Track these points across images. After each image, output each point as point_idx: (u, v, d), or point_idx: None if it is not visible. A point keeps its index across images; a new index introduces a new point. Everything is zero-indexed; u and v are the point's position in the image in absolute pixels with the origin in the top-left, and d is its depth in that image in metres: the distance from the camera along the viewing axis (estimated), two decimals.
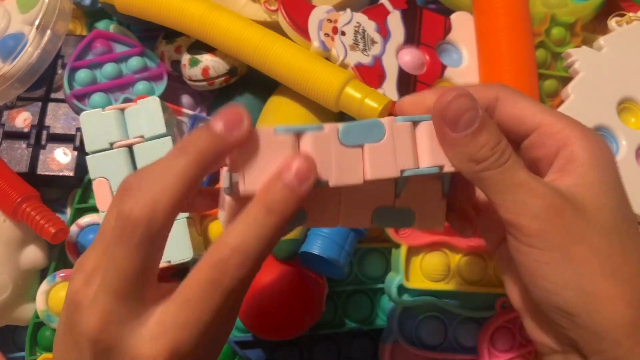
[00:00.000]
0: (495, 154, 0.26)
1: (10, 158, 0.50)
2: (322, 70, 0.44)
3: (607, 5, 0.57)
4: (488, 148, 0.26)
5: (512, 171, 0.26)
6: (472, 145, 0.26)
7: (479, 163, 0.26)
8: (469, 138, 0.26)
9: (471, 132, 0.26)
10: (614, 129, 0.49)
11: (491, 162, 0.26)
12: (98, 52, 0.53)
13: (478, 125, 0.26)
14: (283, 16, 0.46)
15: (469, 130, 0.26)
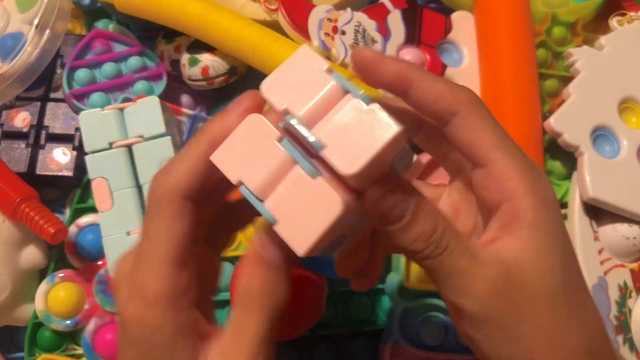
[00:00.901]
0: (430, 246, 0.25)
1: (9, 158, 0.50)
2: None
3: (608, 4, 0.57)
4: (421, 241, 0.25)
5: (450, 260, 0.25)
6: (405, 239, 0.25)
7: (418, 253, 0.25)
8: (400, 232, 0.25)
9: (401, 227, 0.25)
10: (615, 129, 0.49)
11: (427, 253, 0.25)
12: (97, 52, 0.53)
13: (408, 219, 0.25)
14: (283, 15, 0.46)
15: (398, 225, 0.25)
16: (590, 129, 0.48)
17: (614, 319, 0.47)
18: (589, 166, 0.47)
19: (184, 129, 0.52)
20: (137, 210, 0.46)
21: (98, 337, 0.47)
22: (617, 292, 0.48)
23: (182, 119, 0.52)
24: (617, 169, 0.48)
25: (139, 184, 0.46)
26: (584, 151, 0.48)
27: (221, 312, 0.49)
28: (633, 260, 0.49)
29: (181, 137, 0.51)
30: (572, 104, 0.48)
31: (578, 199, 0.48)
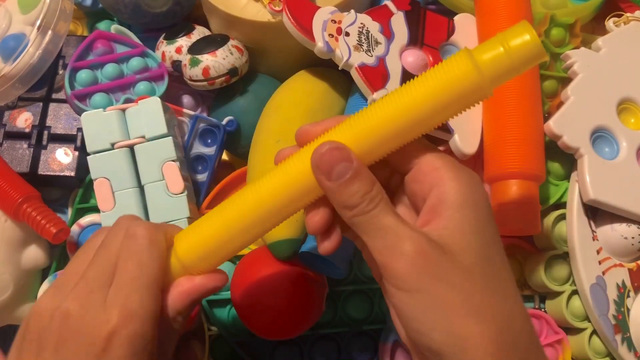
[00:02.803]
0: (365, 201, 0.28)
1: (12, 158, 0.50)
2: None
3: (607, 5, 0.57)
4: (358, 196, 0.28)
5: (380, 216, 0.28)
6: (344, 194, 0.28)
7: (351, 209, 0.28)
8: (342, 187, 0.28)
9: (343, 182, 0.28)
10: (614, 130, 0.49)
11: (360, 208, 0.28)
12: (99, 53, 0.53)
13: (350, 175, 0.28)
14: (287, 17, 0.46)
15: (341, 180, 0.28)
16: (589, 131, 0.49)
17: (612, 318, 0.47)
18: (589, 168, 0.47)
19: (185, 129, 0.52)
20: (139, 210, 0.46)
21: None
22: (615, 292, 0.48)
23: (184, 119, 0.52)
24: (617, 170, 0.48)
25: (141, 184, 0.47)
26: (584, 153, 0.48)
27: (221, 311, 0.50)
28: (631, 259, 0.49)
29: (182, 137, 0.51)
30: (571, 106, 0.49)
31: (577, 199, 0.49)
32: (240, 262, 0.47)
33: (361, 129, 0.29)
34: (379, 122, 0.28)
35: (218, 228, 0.31)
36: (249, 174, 0.49)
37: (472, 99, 0.28)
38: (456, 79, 0.27)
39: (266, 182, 0.31)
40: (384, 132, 0.28)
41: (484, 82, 0.27)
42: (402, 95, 0.28)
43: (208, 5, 0.52)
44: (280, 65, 0.55)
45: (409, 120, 0.28)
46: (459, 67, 0.27)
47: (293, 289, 0.44)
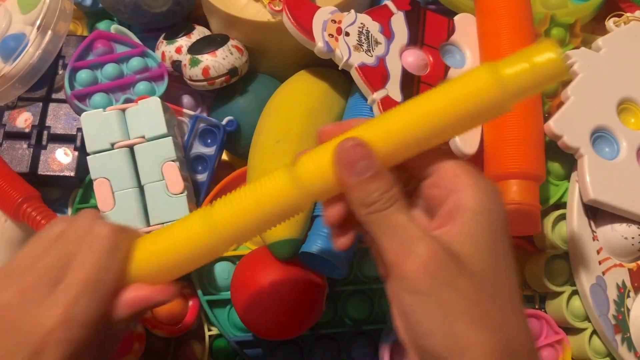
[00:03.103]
0: (382, 199, 0.28)
1: (12, 158, 0.50)
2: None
3: (607, 5, 0.57)
4: (377, 194, 0.28)
5: (395, 215, 0.28)
6: (364, 191, 0.28)
7: (367, 207, 0.28)
8: (363, 183, 0.28)
9: (364, 179, 0.28)
10: (614, 130, 0.49)
11: (377, 206, 0.28)
12: (99, 53, 0.53)
13: (371, 173, 0.28)
14: (287, 17, 0.46)
15: (362, 176, 0.28)
16: (589, 131, 0.49)
17: (612, 318, 0.47)
18: (590, 168, 0.47)
19: (185, 129, 0.52)
20: (139, 210, 0.46)
21: None
22: (615, 292, 0.48)
23: (184, 119, 0.52)
24: (617, 170, 0.48)
25: (141, 184, 0.47)
26: (584, 153, 0.48)
27: (221, 311, 0.50)
28: (631, 259, 0.49)
29: (182, 137, 0.51)
30: (571, 106, 0.49)
31: (577, 199, 0.49)
32: (240, 262, 0.47)
33: (382, 133, 0.29)
34: (400, 128, 0.29)
35: (182, 242, 0.31)
36: (249, 174, 0.49)
37: (492, 113, 0.28)
38: (478, 92, 0.28)
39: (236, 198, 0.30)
40: (403, 138, 0.29)
41: (506, 96, 0.28)
42: (424, 103, 0.29)
43: (208, 5, 0.52)
44: (280, 65, 0.55)
45: (429, 129, 0.28)
46: (482, 79, 0.28)
47: (293, 289, 0.44)
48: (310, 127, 0.49)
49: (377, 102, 0.46)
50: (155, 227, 0.46)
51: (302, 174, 0.30)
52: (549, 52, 0.27)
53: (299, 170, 0.30)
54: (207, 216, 0.30)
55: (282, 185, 0.30)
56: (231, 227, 0.30)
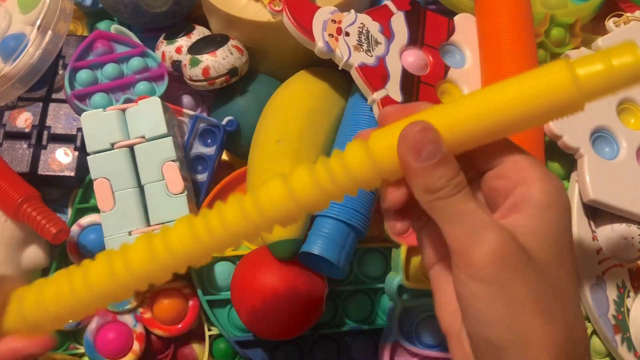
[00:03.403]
0: (450, 185, 0.27)
1: (12, 158, 0.50)
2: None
3: (607, 5, 0.57)
4: (444, 180, 0.27)
5: (463, 202, 0.27)
6: (431, 176, 0.27)
7: (433, 193, 0.27)
8: (429, 168, 0.27)
9: (431, 164, 0.27)
10: (614, 130, 0.49)
11: (444, 192, 0.27)
12: (99, 53, 0.53)
13: (439, 158, 0.27)
14: (287, 17, 0.46)
15: (429, 162, 0.27)
16: (589, 131, 0.49)
17: (612, 318, 0.47)
18: (589, 168, 0.47)
19: (185, 129, 0.52)
20: (139, 210, 0.46)
21: (99, 336, 0.47)
22: (615, 292, 0.48)
23: (184, 119, 0.52)
24: (617, 170, 0.48)
25: (141, 184, 0.47)
26: (584, 153, 0.48)
27: (221, 311, 0.50)
28: (631, 260, 0.49)
29: (182, 137, 0.51)
30: None
31: (577, 199, 0.49)
32: (240, 262, 0.47)
33: (449, 120, 0.28)
34: (468, 117, 0.28)
35: (63, 300, 0.30)
36: (249, 174, 0.49)
37: (564, 111, 0.28)
38: (553, 89, 0.27)
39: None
40: (471, 128, 0.28)
41: (581, 96, 0.27)
42: (495, 95, 0.28)
43: (208, 5, 0.52)
44: (280, 65, 0.55)
45: (498, 122, 0.28)
46: (557, 77, 0.27)
47: (293, 289, 0.44)
48: (310, 127, 0.49)
49: (377, 102, 0.46)
50: (156, 227, 0.46)
51: (376, 150, 0.29)
52: (628, 55, 0.26)
53: (373, 146, 0.29)
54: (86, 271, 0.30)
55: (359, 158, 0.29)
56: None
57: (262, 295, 0.44)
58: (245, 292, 0.45)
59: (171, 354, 0.50)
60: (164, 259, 0.29)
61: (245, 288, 0.45)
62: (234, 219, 0.29)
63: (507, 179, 0.29)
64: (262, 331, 0.45)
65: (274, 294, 0.44)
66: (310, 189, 0.29)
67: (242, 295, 0.45)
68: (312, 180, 0.29)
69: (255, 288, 0.44)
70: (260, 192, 0.29)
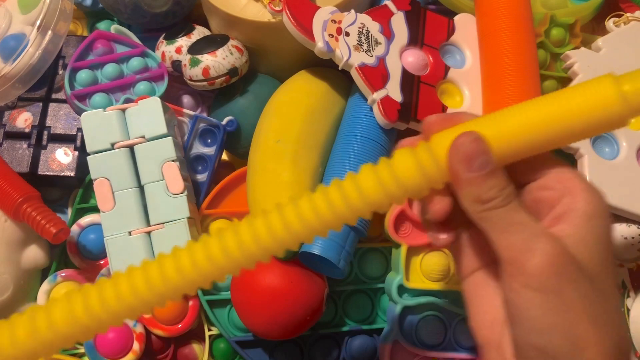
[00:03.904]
0: (501, 196, 0.28)
1: (12, 158, 0.50)
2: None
3: (607, 5, 0.57)
4: (496, 190, 0.28)
5: (516, 211, 0.28)
6: (483, 186, 0.28)
7: (485, 203, 0.28)
8: (480, 179, 0.28)
9: (484, 174, 0.28)
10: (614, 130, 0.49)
11: (497, 202, 0.28)
12: (99, 53, 0.53)
13: (490, 169, 0.28)
14: (287, 17, 0.46)
15: (481, 172, 0.28)
16: None
17: None
18: (590, 168, 0.47)
19: (185, 129, 0.52)
20: (139, 210, 0.46)
21: (100, 336, 0.47)
22: None
23: (184, 119, 0.52)
24: (617, 170, 0.48)
25: (141, 184, 0.47)
26: (584, 153, 0.48)
27: (221, 311, 0.50)
28: (631, 259, 0.49)
29: (182, 137, 0.51)
30: None
31: None
32: None
33: (497, 132, 0.28)
34: (516, 130, 0.28)
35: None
36: (249, 174, 0.49)
37: (610, 127, 0.28)
38: (600, 105, 0.28)
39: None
40: (519, 140, 0.28)
41: (628, 113, 0.27)
42: (542, 109, 0.28)
43: (208, 5, 0.52)
44: (280, 65, 0.55)
45: (545, 136, 0.28)
46: (605, 93, 0.28)
47: (293, 289, 0.44)
48: (310, 127, 0.49)
49: (377, 102, 0.46)
50: (156, 227, 0.46)
51: (426, 158, 0.29)
52: None
53: (423, 154, 0.29)
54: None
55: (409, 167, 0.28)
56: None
57: (262, 295, 0.44)
58: (245, 292, 0.45)
59: (171, 354, 0.50)
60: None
61: (245, 288, 0.45)
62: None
63: (552, 190, 0.29)
64: (262, 331, 0.45)
65: (274, 294, 0.44)
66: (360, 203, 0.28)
67: (242, 295, 0.45)
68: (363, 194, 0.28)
69: (255, 288, 0.44)
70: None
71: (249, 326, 0.46)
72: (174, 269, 0.28)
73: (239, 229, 0.28)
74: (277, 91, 0.52)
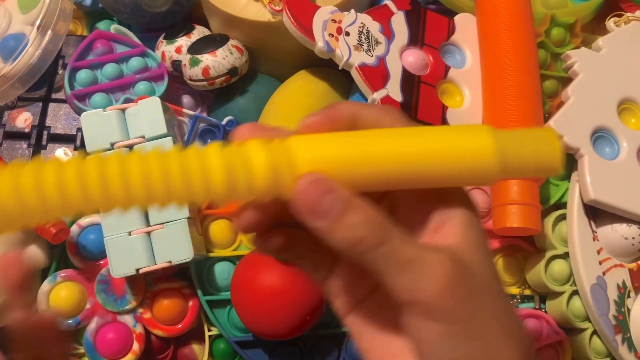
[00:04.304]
0: (373, 233, 0.23)
1: (11, 158, 0.50)
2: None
3: (607, 5, 0.57)
4: (361, 228, 0.23)
5: (397, 247, 0.24)
6: (344, 229, 0.23)
7: (358, 245, 0.23)
8: (337, 223, 0.23)
9: (336, 217, 0.23)
10: (615, 130, 0.49)
11: (370, 242, 0.23)
12: (99, 53, 0.53)
13: (339, 208, 0.23)
14: (288, 16, 0.46)
15: (330, 218, 0.23)
16: (590, 131, 0.49)
17: (612, 318, 0.47)
18: (590, 168, 0.47)
19: (185, 129, 0.52)
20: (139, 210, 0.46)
21: (99, 336, 0.47)
22: (615, 292, 0.48)
23: (184, 119, 0.52)
24: (617, 170, 0.48)
25: None
26: (584, 153, 0.48)
27: (221, 311, 0.50)
28: (632, 260, 0.49)
29: (182, 137, 0.51)
30: (571, 106, 0.49)
31: (577, 200, 0.49)
32: (240, 262, 0.47)
33: (352, 154, 0.24)
34: (372, 157, 0.24)
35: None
36: None
37: (477, 182, 0.26)
38: (474, 156, 0.24)
39: None
40: (376, 172, 0.24)
41: (498, 175, 0.25)
42: (409, 140, 0.25)
43: (208, 5, 0.52)
44: (280, 65, 0.55)
45: (404, 171, 0.24)
46: (483, 148, 0.24)
47: (293, 289, 0.44)
48: None
49: (377, 101, 0.46)
50: (156, 227, 0.46)
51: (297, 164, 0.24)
52: (555, 145, 0.25)
53: (294, 157, 0.24)
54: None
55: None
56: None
57: (262, 295, 0.44)
58: (245, 292, 0.45)
59: (171, 354, 0.50)
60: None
61: (245, 288, 0.45)
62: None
63: (424, 200, 0.26)
64: (262, 331, 0.45)
65: (274, 294, 0.44)
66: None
67: (242, 295, 0.45)
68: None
69: (255, 288, 0.44)
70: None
71: (248, 326, 0.45)
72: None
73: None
74: (277, 91, 0.52)
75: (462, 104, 0.50)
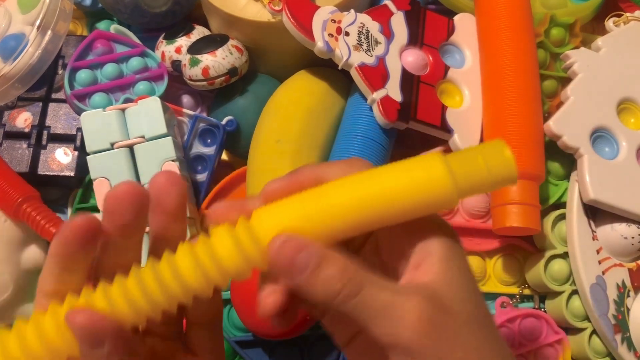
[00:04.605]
0: (348, 284, 0.24)
1: (11, 158, 0.50)
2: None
3: (607, 5, 0.57)
4: (336, 280, 0.24)
5: (373, 295, 0.25)
6: (319, 285, 0.24)
7: (335, 297, 0.24)
8: (313, 278, 0.24)
9: (310, 273, 0.24)
10: (614, 130, 0.49)
11: (346, 293, 0.24)
12: (99, 53, 0.53)
13: (314, 262, 0.24)
14: (287, 16, 0.46)
15: (307, 272, 0.24)
16: (589, 131, 0.49)
17: (612, 318, 0.47)
18: (589, 168, 0.47)
19: (185, 129, 0.52)
20: None
21: None
22: (615, 291, 0.48)
23: (183, 119, 0.52)
24: (616, 169, 0.48)
25: (141, 184, 0.46)
26: (583, 153, 0.48)
27: None
28: (631, 259, 0.49)
29: (182, 137, 0.51)
30: (571, 106, 0.49)
31: (577, 199, 0.49)
32: None
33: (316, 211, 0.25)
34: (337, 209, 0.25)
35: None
36: (249, 174, 0.49)
37: (437, 208, 0.26)
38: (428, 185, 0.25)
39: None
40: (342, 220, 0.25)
41: (457, 195, 0.25)
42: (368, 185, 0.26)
43: (208, 5, 0.52)
44: (280, 65, 0.55)
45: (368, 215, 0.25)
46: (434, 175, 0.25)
47: None
48: (310, 127, 0.49)
49: (377, 101, 0.46)
50: None
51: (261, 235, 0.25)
52: (504, 154, 0.26)
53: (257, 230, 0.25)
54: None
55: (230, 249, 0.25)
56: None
57: None
58: (245, 292, 0.45)
59: None
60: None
61: (245, 288, 0.45)
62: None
63: (401, 238, 0.27)
64: (262, 331, 0.45)
65: None
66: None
67: (242, 295, 0.45)
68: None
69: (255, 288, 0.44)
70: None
71: (249, 326, 0.45)
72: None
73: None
74: (277, 91, 0.52)
75: (461, 103, 0.50)
